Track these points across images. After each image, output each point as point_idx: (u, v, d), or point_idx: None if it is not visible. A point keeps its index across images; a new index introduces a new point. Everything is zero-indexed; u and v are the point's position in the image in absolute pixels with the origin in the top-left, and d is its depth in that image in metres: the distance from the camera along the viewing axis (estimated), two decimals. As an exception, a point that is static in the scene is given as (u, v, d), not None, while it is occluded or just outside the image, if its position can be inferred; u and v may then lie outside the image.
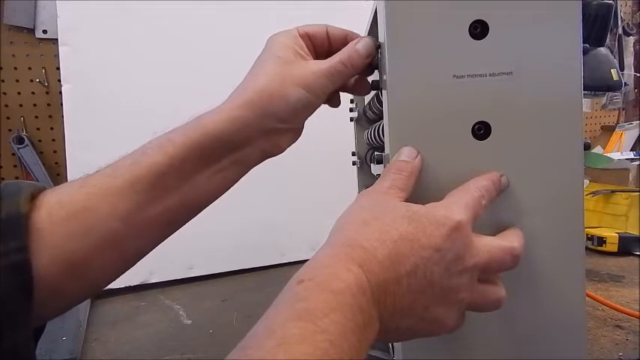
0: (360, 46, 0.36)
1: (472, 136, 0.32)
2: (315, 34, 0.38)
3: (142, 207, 0.32)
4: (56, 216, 0.30)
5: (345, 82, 0.37)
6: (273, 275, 0.94)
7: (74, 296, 0.33)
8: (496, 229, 0.33)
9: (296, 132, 0.39)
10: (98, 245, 0.31)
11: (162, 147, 0.33)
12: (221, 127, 0.33)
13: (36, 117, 0.98)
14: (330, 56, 0.37)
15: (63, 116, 0.87)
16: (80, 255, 0.31)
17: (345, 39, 0.38)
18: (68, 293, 0.32)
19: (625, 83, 1.49)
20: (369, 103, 0.57)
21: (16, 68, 0.96)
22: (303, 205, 1.00)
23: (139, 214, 0.32)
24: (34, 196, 0.30)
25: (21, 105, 0.97)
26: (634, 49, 1.57)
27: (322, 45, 0.38)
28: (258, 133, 0.35)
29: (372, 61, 0.36)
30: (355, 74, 0.37)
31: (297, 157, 0.99)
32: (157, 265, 0.90)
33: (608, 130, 1.58)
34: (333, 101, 0.41)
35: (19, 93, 0.96)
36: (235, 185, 0.41)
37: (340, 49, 0.37)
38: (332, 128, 0.88)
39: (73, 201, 0.31)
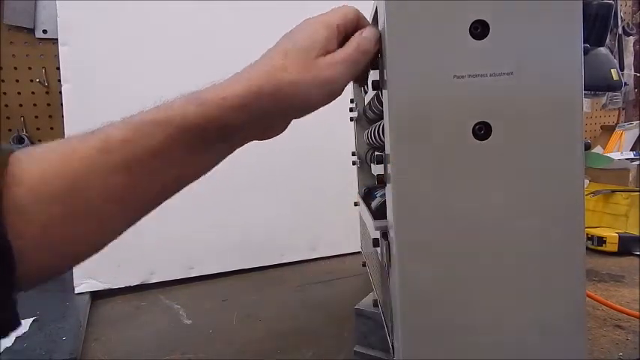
0: (366, 33, 0.35)
1: (473, 136, 0.32)
2: (347, 26, 0.36)
3: (134, 187, 0.31)
4: (41, 195, 0.28)
5: (361, 69, 0.36)
6: (273, 275, 0.94)
7: (56, 269, 0.32)
8: (496, 229, 0.33)
9: (291, 121, 0.38)
10: (87, 225, 0.30)
11: (160, 126, 0.31)
12: (225, 114, 0.32)
13: (36, 117, 0.98)
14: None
15: (63, 116, 0.87)
16: (67, 234, 0.29)
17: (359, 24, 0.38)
18: (51, 266, 0.31)
19: (625, 83, 1.49)
20: (369, 103, 0.57)
21: (16, 68, 0.96)
22: (303, 205, 1.00)
23: (130, 194, 0.31)
24: (2, 164, 0.27)
25: (21, 105, 0.97)
26: (634, 49, 1.57)
27: (348, 32, 0.37)
28: (261, 122, 0.34)
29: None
30: (369, 60, 0.36)
31: (297, 157, 1.00)
32: (157, 265, 0.90)
33: (608, 129, 1.58)
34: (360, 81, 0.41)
35: (19, 93, 0.96)
36: (235, 186, 0.40)
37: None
38: (332, 128, 0.88)
39: (59, 177, 0.28)
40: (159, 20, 0.90)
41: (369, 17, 0.41)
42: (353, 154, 0.74)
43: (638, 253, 0.86)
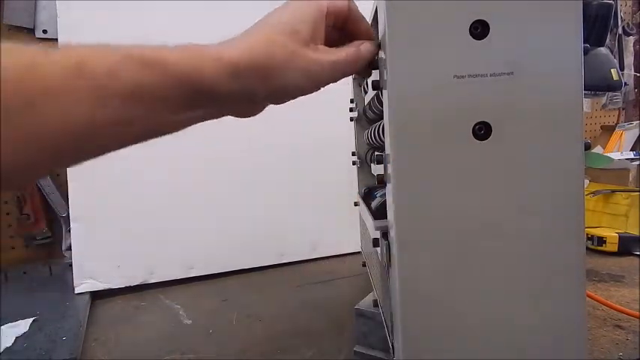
0: (364, 48, 0.35)
1: (473, 137, 0.32)
2: (337, 13, 0.36)
3: (99, 127, 0.26)
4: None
5: (346, 76, 0.36)
6: (273, 275, 0.94)
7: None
8: (496, 229, 0.33)
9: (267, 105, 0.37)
10: (35, 152, 0.25)
11: (148, 67, 0.27)
12: (217, 75, 0.30)
13: (36, 117, 0.98)
14: (339, 35, 0.36)
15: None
16: (13, 157, 0.24)
17: (359, 25, 0.37)
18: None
19: (625, 83, 1.49)
20: (369, 103, 0.57)
21: (16, 68, 0.96)
22: (303, 205, 1.00)
23: (90, 129, 0.26)
24: None
25: (21, 105, 0.97)
26: (634, 49, 1.57)
27: (337, 25, 0.37)
28: (245, 96, 0.32)
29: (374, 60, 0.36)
30: (357, 71, 0.36)
31: (298, 157, 1.00)
32: (157, 265, 0.90)
33: (608, 129, 1.58)
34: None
35: (19, 93, 0.96)
36: (235, 186, 0.40)
37: (352, 32, 0.37)
38: (332, 128, 0.88)
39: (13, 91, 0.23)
40: (159, 20, 0.90)
41: (368, 17, 0.41)
42: (353, 154, 0.74)
43: (638, 253, 0.86)
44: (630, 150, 1.41)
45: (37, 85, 0.24)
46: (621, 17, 1.48)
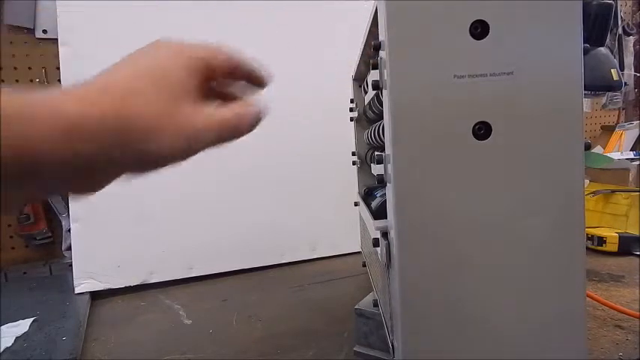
0: (250, 109, 0.30)
1: (473, 136, 0.32)
2: (209, 60, 0.30)
3: None
4: None
5: (233, 139, 0.30)
6: (273, 275, 0.94)
7: None
8: (496, 229, 0.33)
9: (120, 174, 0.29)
10: None
11: None
12: (37, 144, 0.22)
13: (36, 117, 0.98)
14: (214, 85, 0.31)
15: (63, 116, 0.87)
16: None
17: (236, 69, 0.32)
18: None
19: (625, 83, 1.49)
20: (369, 103, 0.57)
21: (16, 68, 0.96)
22: (303, 205, 1.00)
23: None
24: None
25: (21, 105, 0.97)
26: (634, 49, 1.57)
27: (212, 74, 0.30)
28: (90, 167, 0.24)
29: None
30: (247, 133, 0.31)
31: (298, 157, 1.00)
32: (157, 265, 0.90)
33: (608, 129, 1.58)
34: None
35: (19, 93, 0.96)
36: (235, 186, 0.39)
37: (229, 76, 0.32)
38: (332, 128, 0.88)
39: None
40: (159, 20, 0.90)
41: (369, 17, 0.41)
42: (353, 154, 0.74)
43: (638, 253, 0.86)
44: (630, 150, 1.41)
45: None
46: (621, 17, 1.48)
